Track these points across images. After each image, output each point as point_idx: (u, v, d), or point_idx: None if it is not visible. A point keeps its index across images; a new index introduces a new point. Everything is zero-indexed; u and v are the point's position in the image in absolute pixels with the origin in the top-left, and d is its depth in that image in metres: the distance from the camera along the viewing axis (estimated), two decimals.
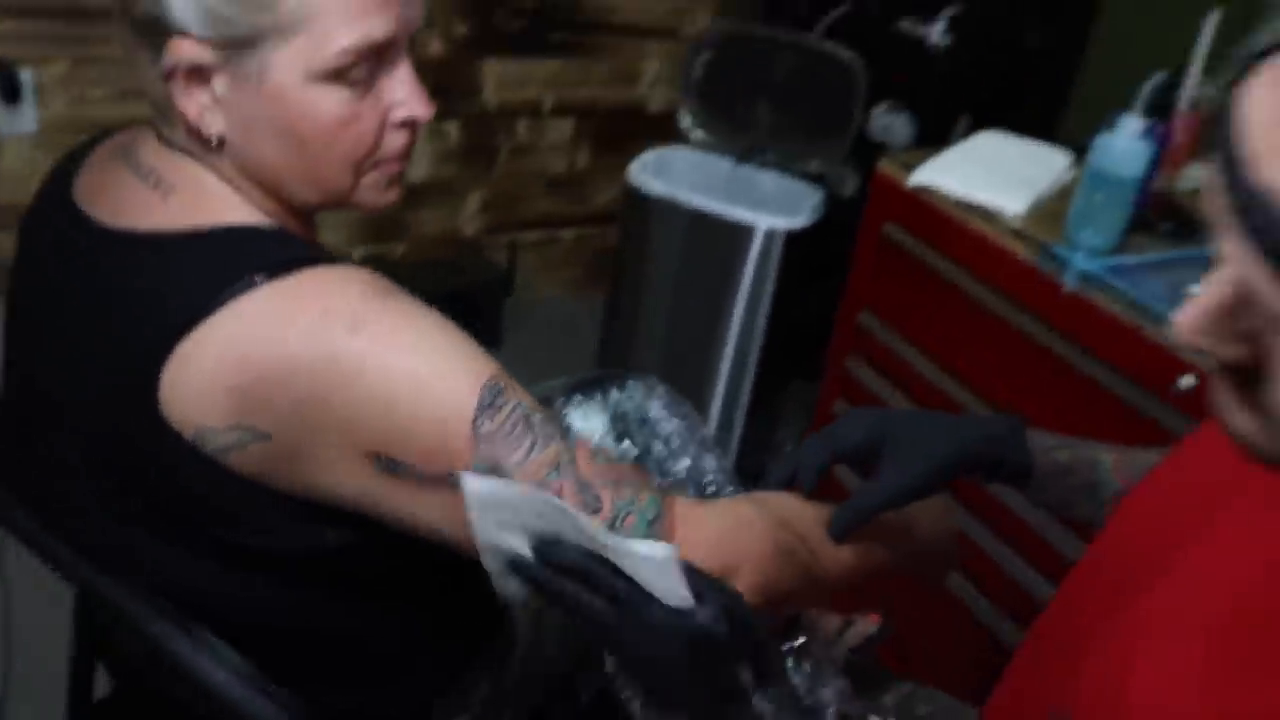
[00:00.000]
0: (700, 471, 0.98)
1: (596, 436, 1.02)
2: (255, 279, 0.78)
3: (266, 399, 0.77)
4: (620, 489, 0.83)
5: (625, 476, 0.84)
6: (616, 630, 0.75)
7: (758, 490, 0.96)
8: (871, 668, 1.04)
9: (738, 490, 1.00)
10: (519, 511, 0.76)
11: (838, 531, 0.90)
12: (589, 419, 1.00)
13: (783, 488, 0.94)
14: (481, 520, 0.78)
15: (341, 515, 0.82)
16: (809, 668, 0.89)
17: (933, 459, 0.90)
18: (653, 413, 1.02)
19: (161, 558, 0.86)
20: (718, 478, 0.98)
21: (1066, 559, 1.53)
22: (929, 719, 1.02)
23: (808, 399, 2.31)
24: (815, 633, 0.93)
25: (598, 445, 0.86)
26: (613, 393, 1.04)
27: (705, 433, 1.03)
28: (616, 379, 1.06)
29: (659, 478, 1.02)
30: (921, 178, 1.79)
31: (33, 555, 0.92)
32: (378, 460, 0.78)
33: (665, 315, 2.39)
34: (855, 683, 0.96)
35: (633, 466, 0.88)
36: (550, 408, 0.85)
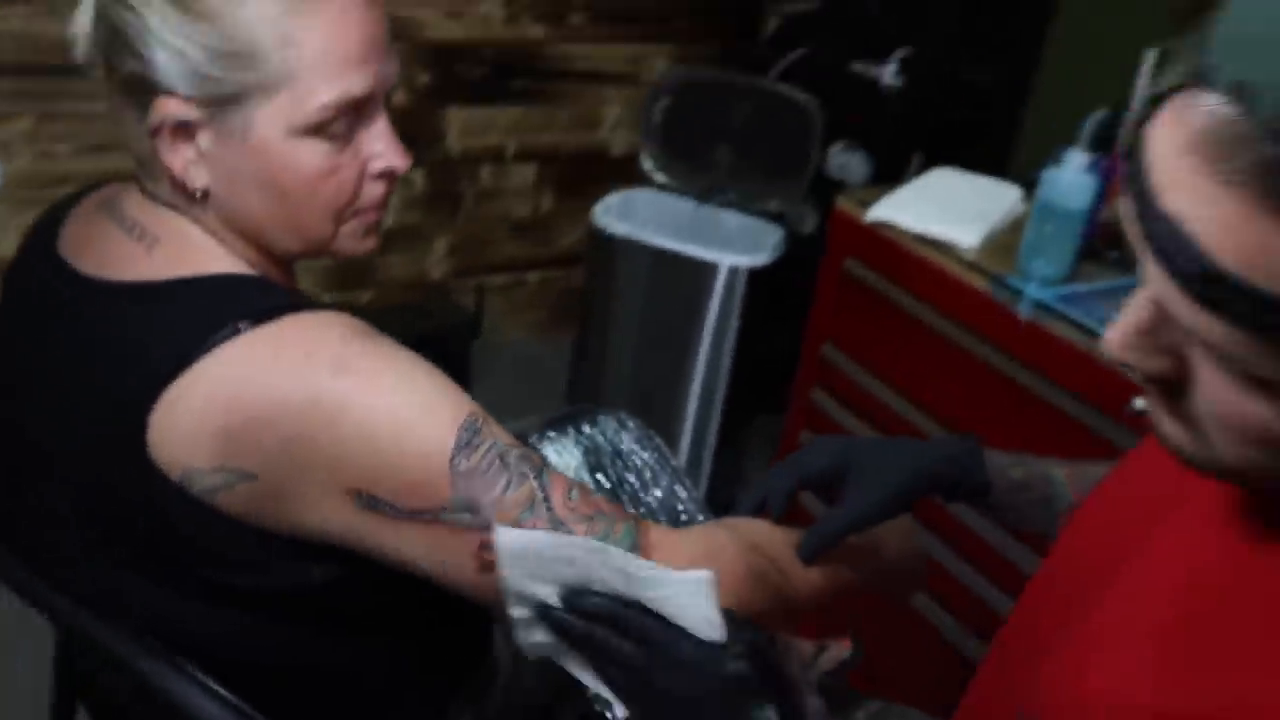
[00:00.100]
0: (672, 500, 1.02)
1: (571, 470, 1.05)
2: (240, 325, 0.80)
3: (253, 440, 0.79)
4: (594, 523, 0.85)
5: (600, 510, 0.87)
6: (647, 671, 0.77)
7: (728, 517, 0.99)
8: (843, 688, 1.07)
9: (709, 518, 1.04)
10: (550, 562, 0.79)
11: (807, 554, 0.93)
12: (564, 453, 1.03)
13: (752, 514, 0.98)
14: (513, 573, 0.80)
15: (327, 552, 0.85)
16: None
17: (895, 482, 0.94)
18: (625, 446, 1.05)
19: (150, 600, 0.88)
20: (689, 506, 1.02)
21: (1024, 573, 1.57)
22: None
23: (774, 432, 2.35)
24: (789, 655, 0.96)
25: (573, 479, 0.89)
26: (585, 427, 1.07)
27: (676, 464, 1.06)
28: (589, 414, 1.09)
29: (633, 508, 1.05)
30: (878, 214, 1.85)
31: (13, 601, 0.94)
32: (359, 497, 0.80)
33: (632, 353, 2.43)
34: (829, 703, 0.99)
35: (607, 499, 0.91)
36: (526, 444, 0.87)
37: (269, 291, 0.86)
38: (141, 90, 0.81)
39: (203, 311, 0.82)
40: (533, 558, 0.79)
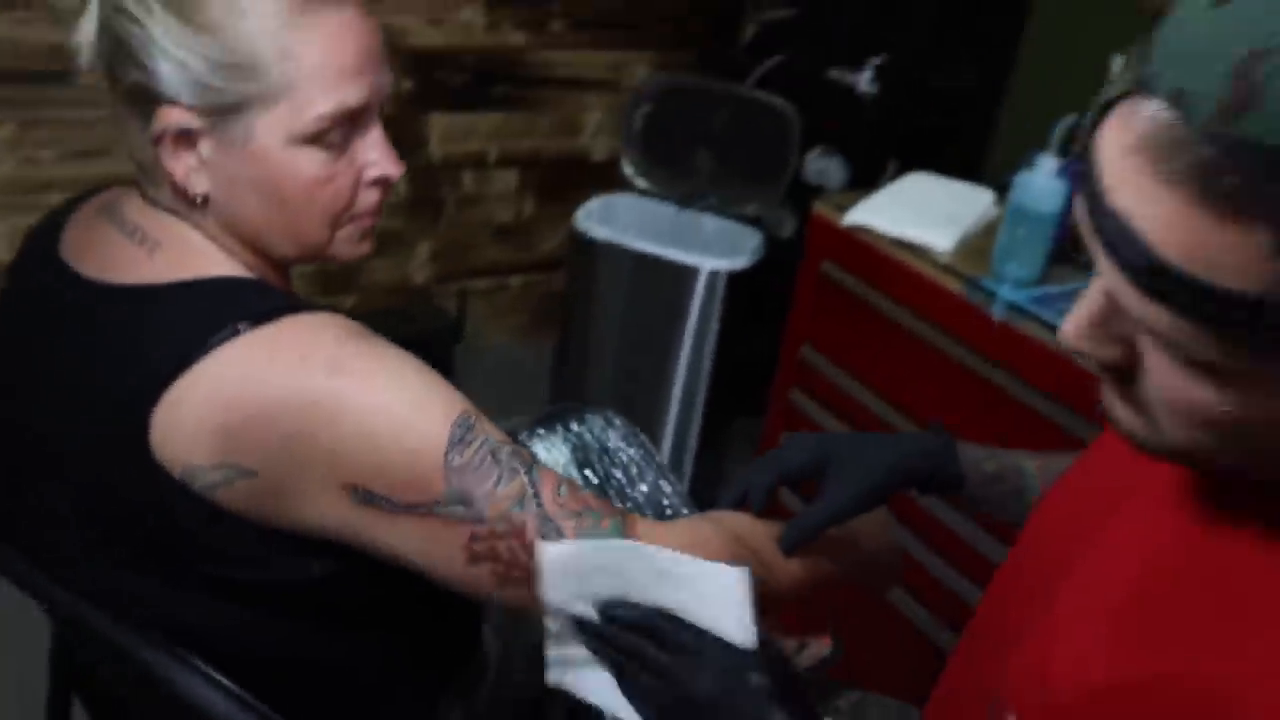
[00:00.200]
0: (658, 495, 1.05)
1: (560, 466, 1.08)
2: (239, 327, 0.83)
3: (253, 438, 0.82)
4: (583, 518, 0.88)
5: (589, 505, 0.90)
6: (679, 681, 0.80)
7: (712, 511, 1.02)
8: (823, 679, 1.10)
9: (693, 512, 1.07)
10: (591, 573, 0.83)
11: (788, 545, 0.97)
12: (552, 450, 1.06)
13: (734, 508, 1.01)
14: (556, 588, 0.84)
15: (324, 547, 0.87)
16: None
17: (871, 476, 0.97)
18: (611, 443, 1.09)
19: (150, 596, 0.90)
20: (674, 501, 1.05)
21: (994, 565, 1.62)
22: None
23: (754, 433, 2.38)
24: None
25: (562, 475, 0.91)
26: (573, 425, 1.10)
27: (660, 460, 1.09)
28: (576, 412, 1.12)
29: (620, 503, 1.08)
30: (855, 218, 1.89)
31: (7, 597, 0.96)
32: (355, 492, 0.83)
33: (614, 356, 2.46)
34: (810, 692, 1.02)
35: (595, 494, 0.94)
36: (516, 441, 0.90)
37: (267, 294, 0.89)
38: (145, 100, 0.84)
39: (203, 313, 0.85)
40: (575, 568, 0.83)
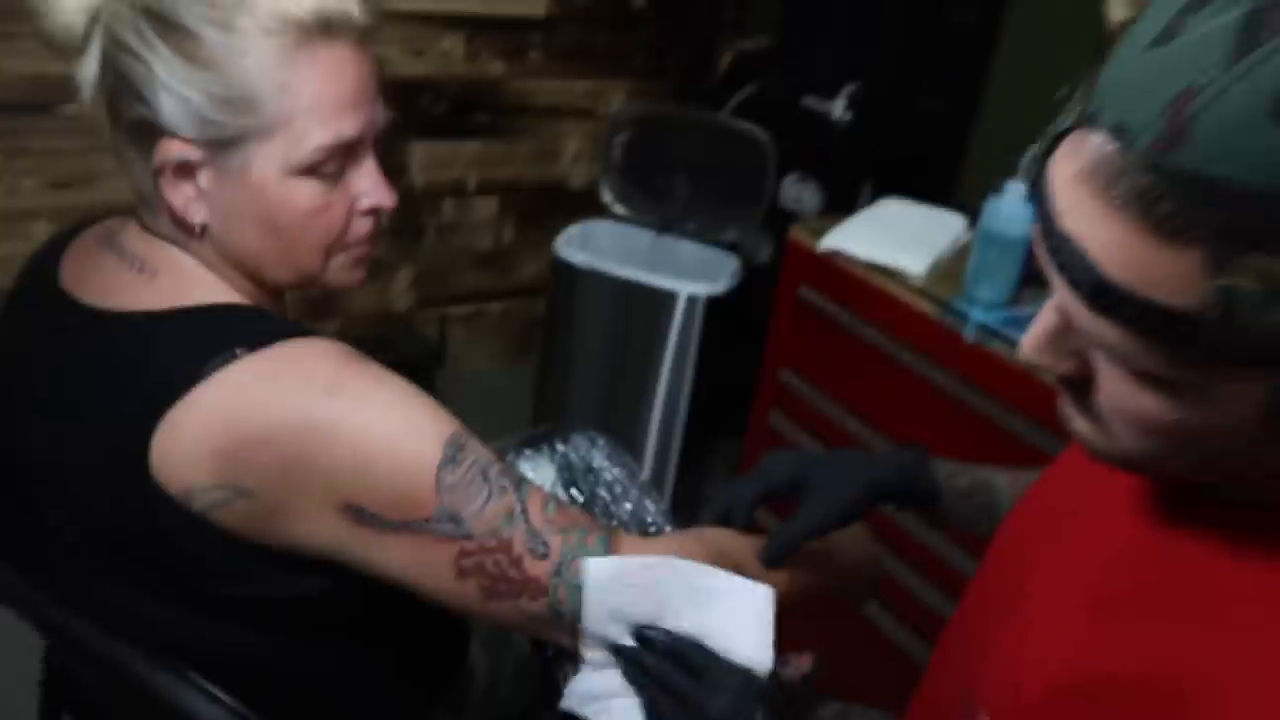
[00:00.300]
0: (642, 513, 1.08)
1: (547, 485, 1.11)
2: (237, 351, 0.86)
3: (251, 459, 0.84)
4: (569, 534, 0.91)
5: (575, 522, 0.93)
6: (698, 706, 0.85)
7: (694, 527, 1.05)
8: (809, 691, 1.12)
9: (675, 529, 1.10)
10: (628, 588, 0.88)
11: (770, 558, 1.00)
12: (539, 470, 1.09)
13: (717, 524, 1.04)
14: (596, 604, 0.88)
15: (319, 564, 0.89)
16: None
17: (849, 491, 1.01)
18: (596, 462, 1.12)
19: (148, 613, 0.92)
20: (657, 518, 1.08)
21: (965, 577, 1.66)
22: None
23: (734, 455, 2.42)
24: None
25: (549, 493, 0.94)
26: (559, 445, 1.13)
27: (644, 479, 1.12)
28: (561, 433, 1.15)
29: (605, 520, 1.11)
30: (831, 243, 1.93)
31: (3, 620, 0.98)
32: (350, 511, 0.86)
33: (594, 380, 2.49)
34: (792, 695, 1.05)
35: (581, 511, 0.97)
36: (504, 461, 0.93)
37: (263, 320, 0.92)
38: (146, 133, 0.87)
39: (202, 339, 0.87)
40: (615, 584, 0.88)
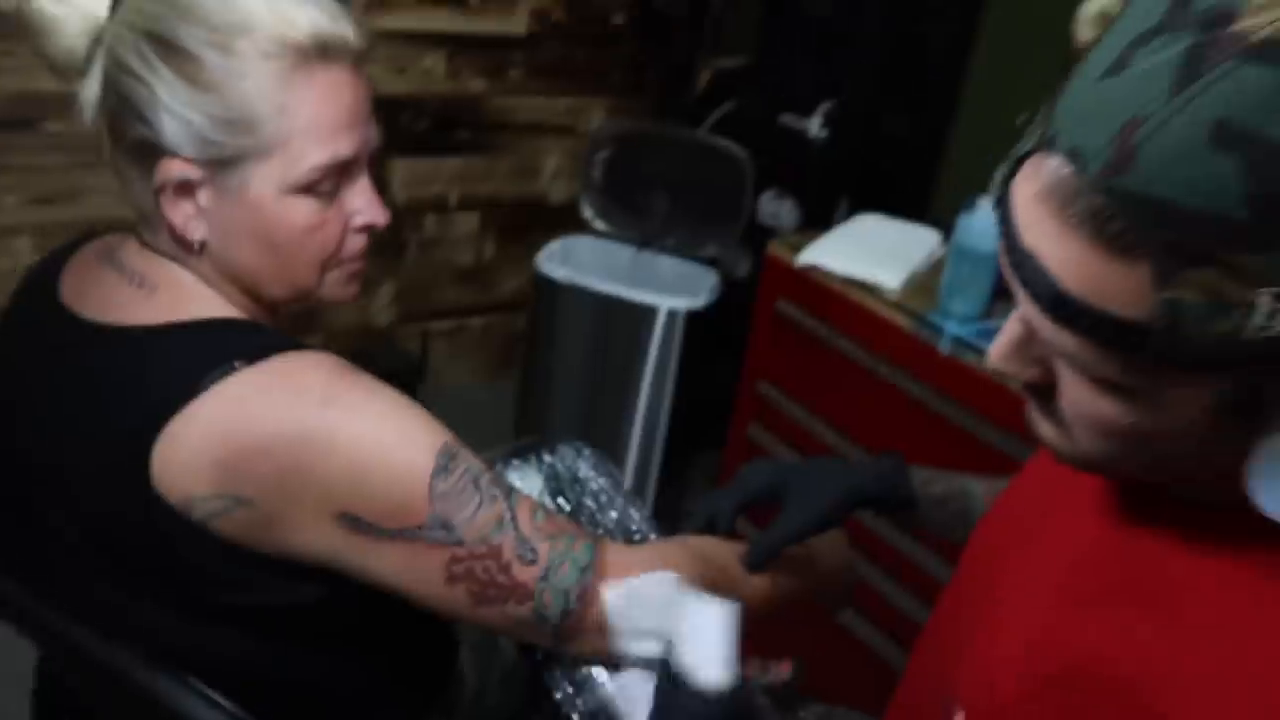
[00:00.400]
0: (627, 521, 1.10)
1: (535, 494, 1.13)
2: (235, 364, 0.88)
3: (249, 469, 0.87)
4: (556, 541, 0.94)
5: (563, 529, 0.96)
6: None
7: (678, 535, 1.09)
8: (791, 694, 1.16)
9: (659, 536, 1.13)
10: (645, 601, 0.92)
11: (753, 563, 1.03)
12: (527, 479, 1.12)
13: (701, 532, 1.08)
14: (625, 629, 0.93)
15: (315, 572, 0.92)
16: None
17: (829, 496, 1.04)
18: (582, 472, 1.14)
19: (149, 620, 0.94)
20: (642, 526, 1.11)
21: (939, 583, 1.70)
22: None
23: (714, 467, 2.45)
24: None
25: (537, 502, 0.97)
26: (546, 456, 1.16)
27: (628, 488, 1.15)
28: (548, 444, 1.18)
29: (591, 528, 1.14)
30: (808, 257, 1.97)
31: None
32: (344, 519, 0.88)
33: (576, 394, 2.52)
34: (774, 704, 1.08)
35: (568, 520, 1.00)
36: (493, 470, 0.96)
37: (260, 333, 0.94)
38: (148, 153, 0.89)
39: (201, 352, 0.90)
40: (636, 601, 0.92)
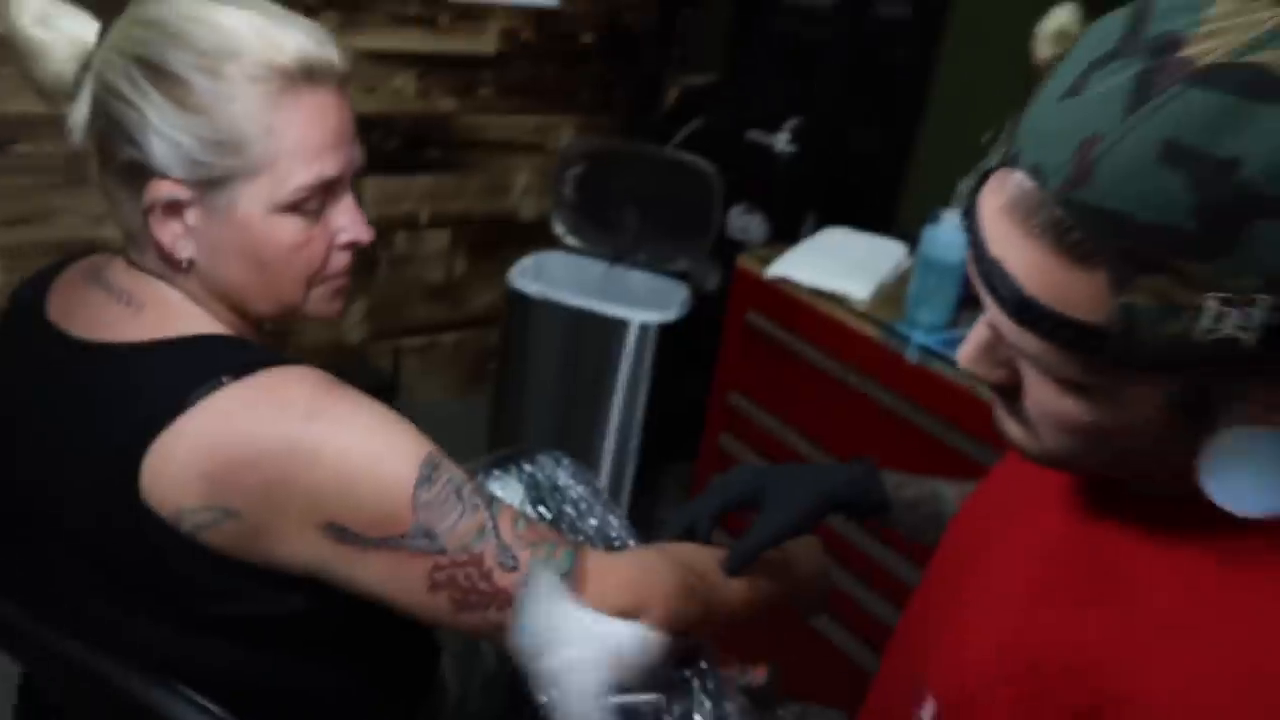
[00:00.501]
0: (606, 529, 1.13)
1: (516, 503, 1.15)
2: (222, 379, 0.90)
3: (237, 482, 0.88)
4: (537, 548, 0.96)
5: (544, 537, 0.98)
6: None
7: (656, 542, 1.11)
8: (768, 693, 1.19)
9: (639, 543, 1.15)
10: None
11: (731, 567, 1.06)
12: (507, 489, 1.14)
13: (681, 538, 1.10)
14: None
15: (303, 581, 0.94)
16: (712, 686, 1.04)
17: (805, 501, 1.07)
18: (561, 481, 1.17)
19: (139, 632, 0.96)
20: (621, 533, 1.13)
21: (908, 586, 1.73)
22: None
23: (686, 478, 2.48)
24: (714, 659, 1.07)
25: (518, 511, 1.00)
26: (526, 466, 1.18)
27: (607, 496, 1.17)
28: (528, 454, 1.20)
29: (572, 536, 1.16)
30: (777, 270, 2.00)
31: None
32: (329, 529, 0.90)
33: (549, 408, 2.54)
34: (753, 703, 1.11)
35: (549, 527, 1.02)
36: (475, 480, 0.98)
37: (246, 349, 0.96)
38: (137, 174, 0.91)
39: (188, 367, 0.92)
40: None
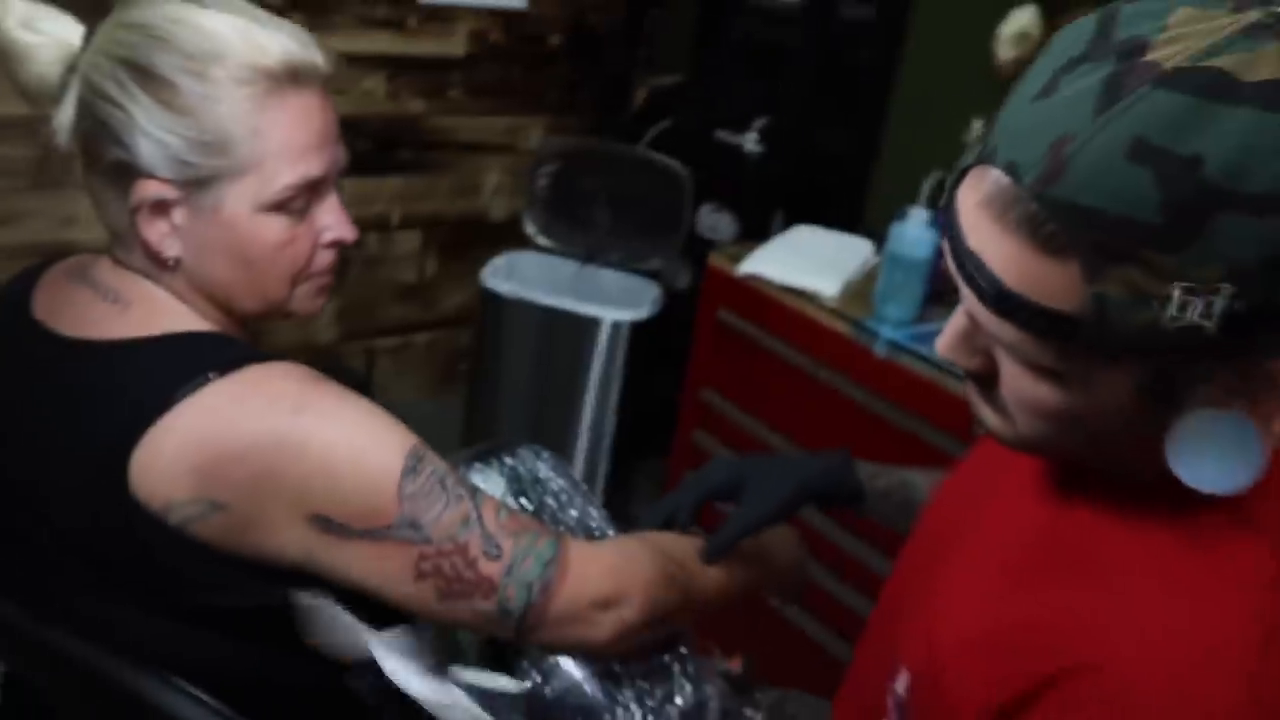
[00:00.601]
0: (586, 520, 1.15)
1: (498, 495, 1.17)
2: (209, 375, 0.92)
3: (225, 475, 0.90)
4: (520, 538, 0.98)
5: (526, 526, 1.00)
6: None
7: (636, 531, 1.14)
8: (745, 680, 1.21)
9: (618, 533, 1.17)
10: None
11: (710, 555, 1.09)
12: (489, 481, 1.15)
13: (660, 527, 1.13)
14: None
15: (291, 573, 0.96)
16: (692, 670, 1.07)
17: (782, 490, 1.10)
18: (542, 473, 1.19)
19: (132, 627, 0.97)
20: (601, 524, 1.15)
21: (879, 576, 1.75)
22: (796, 717, 1.20)
23: (659, 474, 2.50)
24: (694, 645, 1.10)
25: (501, 502, 1.02)
26: (507, 459, 1.20)
27: (585, 489, 1.20)
28: (509, 447, 1.22)
29: (553, 526, 1.18)
30: (748, 268, 2.04)
31: None
32: (316, 520, 0.92)
33: (523, 405, 2.56)
34: (732, 688, 1.14)
35: (532, 518, 1.04)
36: (458, 472, 1.00)
37: (232, 345, 0.98)
38: (124, 174, 0.93)
39: (175, 364, 0.93)
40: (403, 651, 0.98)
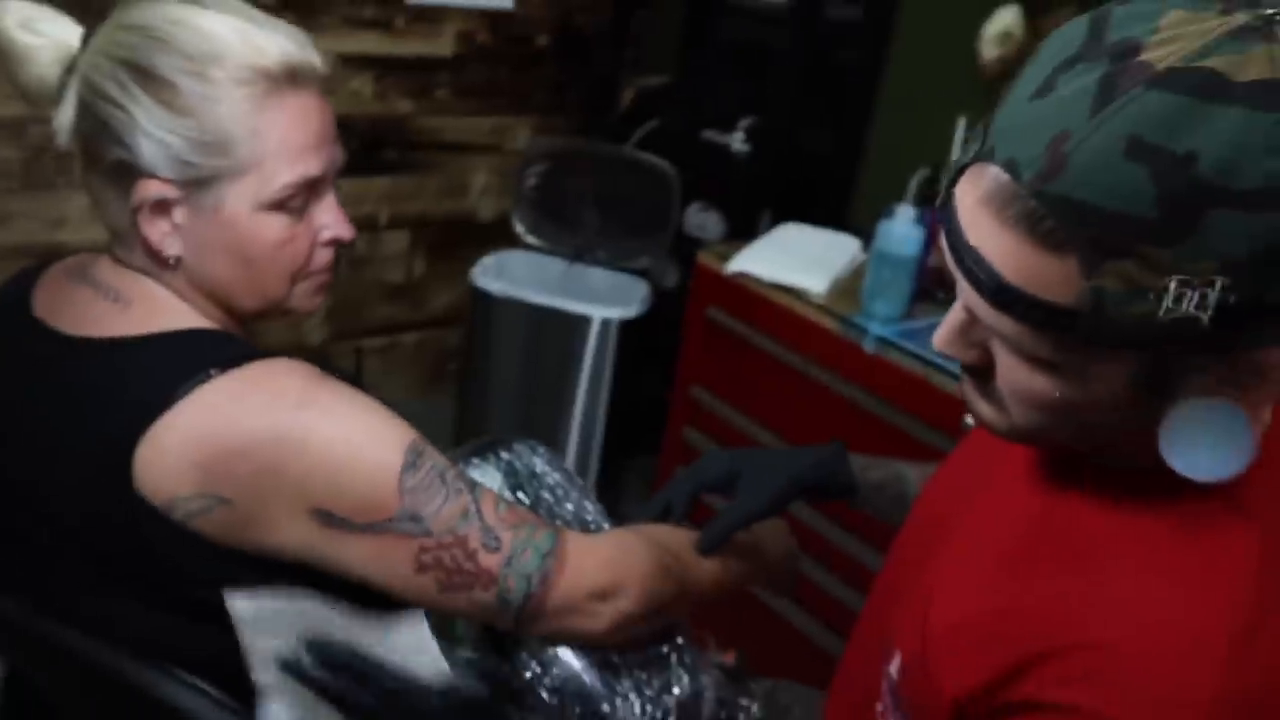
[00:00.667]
0: (582, 513, 1.16)
1: (495, 489, 1.18)
2: (211, 372, 0.93)
3: (228, 470, 0.91)
4: (519, 530, 1.00)
5: (524, 519, 1.01)
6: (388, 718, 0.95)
7: (632, 524, 1.15)
8: (738, 669, 1.23)
9: (613, 526, 1.19)
10: (286, 616, 0.95)
11: (705, 547, 1.10)
12: (486, 476, 1.16)
13: (656, 520, 1.14)
14: (251, 633, 0.96)
15: (293, 567, 0.97)
16: (689, 660, 1.08)
17: (776, 483, 1.12)
18: (538, 468, 1.20)
19: (136, 624, 0.98)
20: (597, 517, 1.16)
21: (868, 569, 1.77)
22: (790, 707, 1.22)
23: (650, 471, 2.52)
24: (690, 636, 1.11)
25: (499, 495, 1.03)
26: (503, 453, 1.21)
27: (580, 483, 1.21)
28: (505, 442, 1.23)
29: (551, 520, 1.19)
30: (736, 266, 2.05)
31: None
32: (318, 514, 0.93)
33: (513, 404, 2.58)
34: (727, 679, 1.15)
35: (529, 511, 1.06)
36: (457, 467, 1.02)
37: (233, 343, 0.99)
38: (125, 174, 0.94)
39: (177, 361, 0.94)
40: (269, 619, 0.95)
